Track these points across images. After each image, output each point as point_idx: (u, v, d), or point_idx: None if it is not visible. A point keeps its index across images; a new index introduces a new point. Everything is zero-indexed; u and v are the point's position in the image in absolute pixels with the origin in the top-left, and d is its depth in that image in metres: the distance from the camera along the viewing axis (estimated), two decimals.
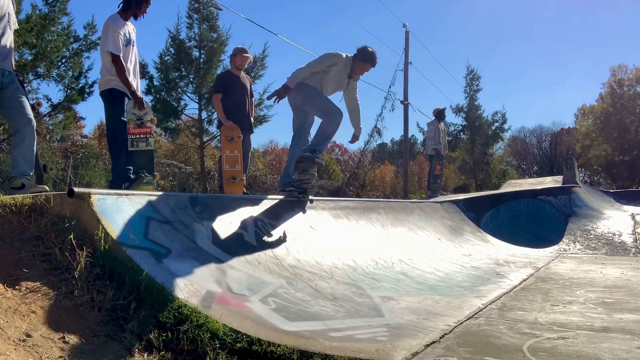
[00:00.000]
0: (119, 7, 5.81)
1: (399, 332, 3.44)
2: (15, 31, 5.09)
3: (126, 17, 5.79)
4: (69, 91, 16.58)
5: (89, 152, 18.62)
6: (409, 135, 30.92)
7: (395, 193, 36.61)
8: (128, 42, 5.76)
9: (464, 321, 3.81)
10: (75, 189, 3.65)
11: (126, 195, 4.03)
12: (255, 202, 5.42)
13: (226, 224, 4.62)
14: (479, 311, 4.19)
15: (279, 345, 2.92)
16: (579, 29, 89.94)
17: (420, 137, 49.88)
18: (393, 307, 4.11)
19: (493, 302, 4.61)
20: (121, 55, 5.62)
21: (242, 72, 7.89)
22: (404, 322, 3.71)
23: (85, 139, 26.64)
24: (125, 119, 5.76)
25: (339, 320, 3.60)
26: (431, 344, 3.17)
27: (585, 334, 3.45)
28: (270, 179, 26.03)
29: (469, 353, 3.00)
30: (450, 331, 3.50)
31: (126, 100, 5.76)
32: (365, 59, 6.15)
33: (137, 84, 5.95)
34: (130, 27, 5.84)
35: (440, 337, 3.33)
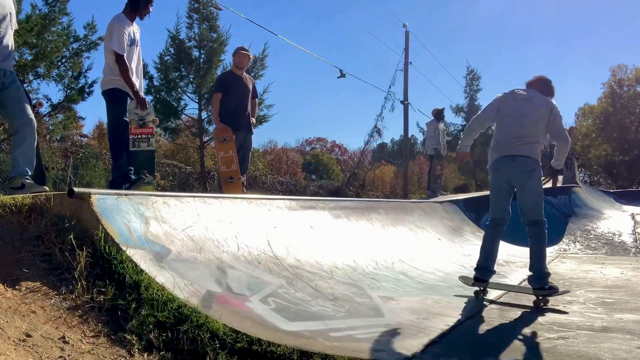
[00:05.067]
0: (125, 7, 5.81)
1: (399, 332, 3.44)
2: (15, 31, 5.09)
3: (131, 17, 5.80)
4: (68, 91, 16.57)
5: (89, 152, 18.62)
6: (409, 135, 30.91)
7: (395, 193, 36.60)
8: (132, 42, 5.76)
9: (464, 321, 3.81)
10: (75, 189, 3.65)
11: (126, 195, 4.03)
12: (256, 202, 5.41)
13: (226, 224, 4.62)
14: (479, 311, 4.19)
15: (279, 345, 2.92)
16: (579, 29, 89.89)
17: (420, 137, 49.85)
18: (393, 307, 4.11)
19: (493, 302, 4.61)
20: (125, 55, 5.62)
21: (244, 73, 7.88)
22: (404, 322, 3.71)
23: (85, 139, 26.61)
24: (127, 119, 5.76)
25: (339, 320, 3.60)
26: (431, 344, 3.17)
27: (585, 334, 3.45)
28: (270, 179, 26.03)
29: (469, 353, 3.00)
30: (450, 331, 3.50)
31: (128, 100, 5.76)
32: None
33: (140, 84, 5.95)
34: (134, 28, 5.85)
35: (440, 337, 3.32)
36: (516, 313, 4.14)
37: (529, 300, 4.71)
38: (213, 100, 7.79)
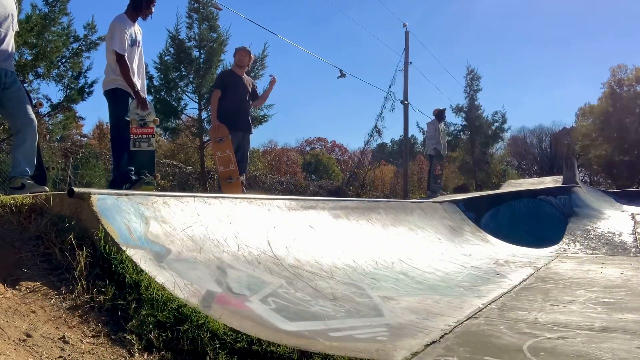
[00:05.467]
0: (127, 7, 5.83)
1: (399, 332, 3.44)
2: (16, 32, 5.10)
3: (133, 18, 5.81)
4: (68, 91, 16.60)
5: (89, 152, 18.64)
6: (409, 135, 30.93)
7: (395, 193, 36.60)
8: (134, 42, 5.78)
9: (464, 321, 3.81)
10: (75, 189, 3.65)
11: (126, 195, 4.03)
12: (256, 202, 5.41)
13: (226, 224, 4.63)
14: (479, 311, 4.19)
15: (279, 345, 2.92)
16: (579, 29, 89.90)
17: (420, 137, 49.90)
18: (393, 307, 4.11)
19: (493, 302, 4.61)
20: (126, 55, 5.63)
21: (245, 74, 7.89)
22: (404, 322, 3.71)
23: (85, 139, 26.61)
24: (128, 119, 5.78)
25: (339, 320, 3.60)
26: (431, 343, 3.17)
27: (586, 334, 3.45)
28: (270, 179, 26.04)
29: (469, 353, 3.00)
30: (450, 331, 3.50)
31: (130, 100, 5.77)
32: None
33: (142, 84, 5.97)
34: (136, 28, 5.87)
35: (440, 337, 3.33)
36: (516, 313, 4.14)
37: (528, 300, 4.71)
38: (212, 97, 7.79)
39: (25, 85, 14.88)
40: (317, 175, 36.70)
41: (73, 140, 21.35)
